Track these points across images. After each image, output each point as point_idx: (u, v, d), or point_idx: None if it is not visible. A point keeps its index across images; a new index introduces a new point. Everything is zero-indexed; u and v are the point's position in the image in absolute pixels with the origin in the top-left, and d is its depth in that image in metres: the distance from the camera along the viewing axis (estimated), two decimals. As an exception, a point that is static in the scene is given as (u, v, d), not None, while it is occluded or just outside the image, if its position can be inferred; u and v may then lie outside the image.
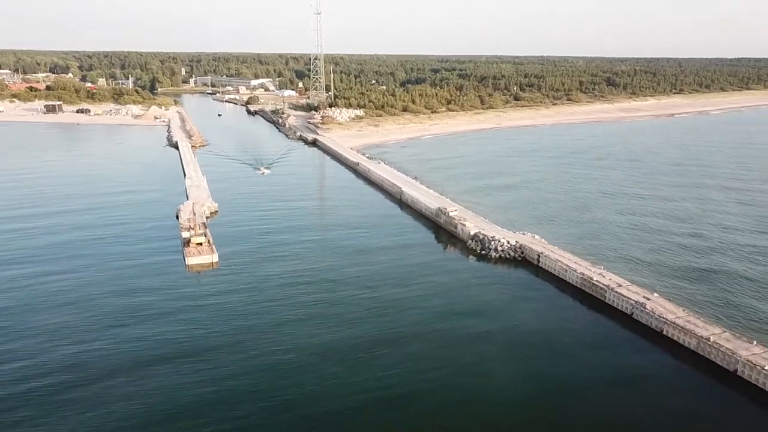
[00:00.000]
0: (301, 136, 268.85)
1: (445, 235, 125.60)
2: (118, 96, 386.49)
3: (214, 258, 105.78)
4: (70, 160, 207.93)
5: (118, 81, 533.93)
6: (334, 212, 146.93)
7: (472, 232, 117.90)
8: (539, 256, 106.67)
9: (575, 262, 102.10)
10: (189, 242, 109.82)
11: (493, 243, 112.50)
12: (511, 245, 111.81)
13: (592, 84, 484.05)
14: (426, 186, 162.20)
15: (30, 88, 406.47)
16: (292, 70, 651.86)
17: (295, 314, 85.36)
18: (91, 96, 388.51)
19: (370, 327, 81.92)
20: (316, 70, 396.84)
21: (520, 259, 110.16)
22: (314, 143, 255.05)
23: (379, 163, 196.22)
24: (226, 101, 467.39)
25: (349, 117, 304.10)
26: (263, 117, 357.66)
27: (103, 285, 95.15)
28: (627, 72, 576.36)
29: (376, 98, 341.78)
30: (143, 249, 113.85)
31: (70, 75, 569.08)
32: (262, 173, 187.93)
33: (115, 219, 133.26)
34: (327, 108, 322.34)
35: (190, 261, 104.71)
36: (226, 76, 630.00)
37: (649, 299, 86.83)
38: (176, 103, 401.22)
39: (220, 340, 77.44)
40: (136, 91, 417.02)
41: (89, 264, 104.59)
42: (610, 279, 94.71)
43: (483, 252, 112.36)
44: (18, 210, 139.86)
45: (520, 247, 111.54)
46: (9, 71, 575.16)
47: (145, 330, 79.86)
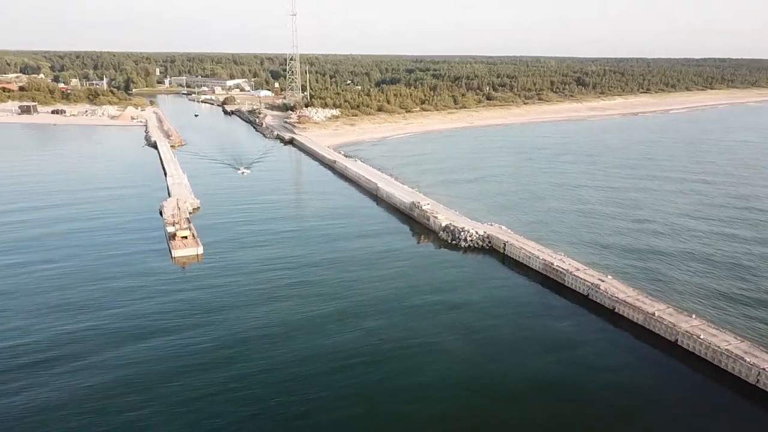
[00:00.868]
0: (278, 135, 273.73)
1: (419, 227, 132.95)
2: (93, 97, 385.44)
3: (199, 250, 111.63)
4: (49, 159, 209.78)
5: (91, 81, 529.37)
6: (312, 207, 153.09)
7: (443, 224, 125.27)
8: (505, 245, 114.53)
9: (538, 250, 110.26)
10: (175, 236, 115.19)
11: (462, 233, 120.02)
12: (479, 235, 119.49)
13: (563, 84, 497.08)
14: (400, 182, 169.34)
15: (2, 89, 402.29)
16: (268, 71, 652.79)
17: (276, 295, 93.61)
18: (66, 97, 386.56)
19: (344, 303, 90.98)
20: (291, 71, 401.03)
21: (487, 247, 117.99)
22: (291, 142, 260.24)
23: (355, 160, 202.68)
24: (201, 102, 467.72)
25: (325, 116, 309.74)
26: (240, 117, 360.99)
27: (94, 273, 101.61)
28: (597, 72, 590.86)
29: (351, 98, 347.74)
30: (129, 241, 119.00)
31: (42, 75, 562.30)
32: (242, 173, 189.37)
33: (99, 214, 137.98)
34: (303, 108, 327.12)
35: (177, 253, 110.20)
36: (202, 76, 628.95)
37: (603, 281, 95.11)
38: (152, 103, 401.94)
39: (207, 318, 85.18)
40: (111, 91, 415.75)
41: (76, 254, 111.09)
42: (569, 264, 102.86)
43: (453, 242, 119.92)
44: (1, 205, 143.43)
45: (487, 237, 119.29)
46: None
47: (141, 309, 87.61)
